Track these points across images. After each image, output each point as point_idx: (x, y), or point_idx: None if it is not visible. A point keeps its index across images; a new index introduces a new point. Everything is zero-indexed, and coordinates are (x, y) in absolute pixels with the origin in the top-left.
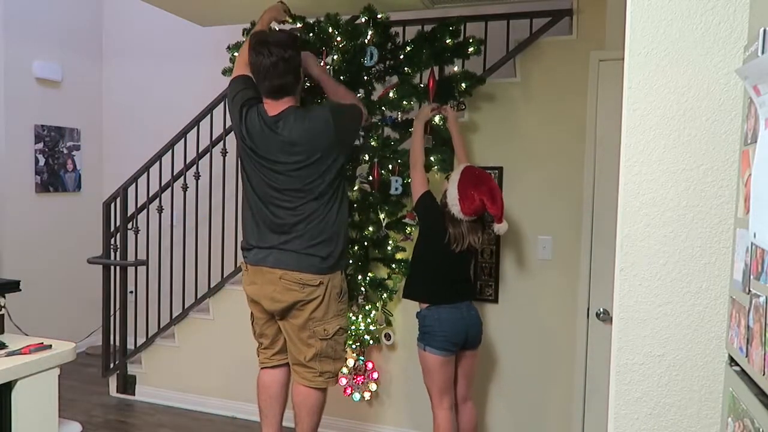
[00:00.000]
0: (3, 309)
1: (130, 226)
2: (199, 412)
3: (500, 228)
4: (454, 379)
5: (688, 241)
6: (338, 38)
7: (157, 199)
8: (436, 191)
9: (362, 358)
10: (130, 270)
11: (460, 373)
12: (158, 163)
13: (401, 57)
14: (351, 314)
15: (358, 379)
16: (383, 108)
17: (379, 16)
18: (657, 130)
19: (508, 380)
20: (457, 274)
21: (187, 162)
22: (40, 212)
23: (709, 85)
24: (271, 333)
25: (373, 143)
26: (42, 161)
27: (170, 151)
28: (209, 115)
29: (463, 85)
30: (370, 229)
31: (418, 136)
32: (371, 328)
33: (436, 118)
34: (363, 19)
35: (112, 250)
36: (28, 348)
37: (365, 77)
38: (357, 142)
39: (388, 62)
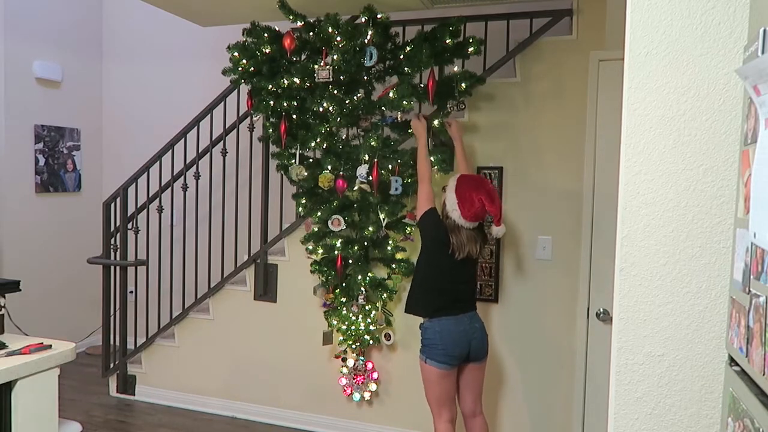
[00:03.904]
0: (3, 309)
1: (130, 226)
2: (199, 412)
3: (498, 231)
4: (457, 392)
5: (688, 241)
6: (338, 38)
7: (157, 199)
8: (437, 189)
9: (362, 358)
10: (130, 270)
11: (463, 386)
12: (158, 163)
13: (401, 57)
14: (351, 314)
15: (358, 379)
16: (383, 108)
17: (379, 16)
18: (657, 130)
19: (508, 380)
20: (458, 284)
21: (187, 162)
22: (40, 212)
23: (709, 85)
24: None
25: (373, 143)
26: (42, 161)
27: (170, 151)
28: (209, 115)
29: (463, 85)
30: (370, 229)
31: (423, 151)
32: (371, 328)
33: (435, 122)
34: (363, 19)
35: (112, 250)
36: (28, 348)
37: (365, 77)
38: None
39: (388, 62)
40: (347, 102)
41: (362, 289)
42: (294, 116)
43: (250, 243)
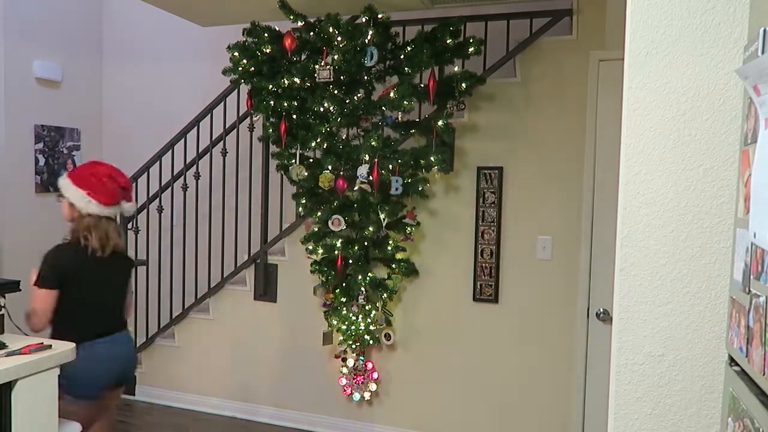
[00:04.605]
0: (3, 309)
1: (130, 226)
2: (199, 412)
3: (130, 207)
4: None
5: (688, 241)
6: (339, 38)
7: (157, 199)
8: (437, 189)
9: (362, 358)
10: None
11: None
12: (158, 163)
13: (402, 57)
14: (351, 314)
15: (358, 379)
16: (383, 108)
17: (379, 16)
18: (657, 130)
19: (507, 380)
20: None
21: (187, 162)
22: (40, 212)
23: (709, 85)
24: None
25: (373, 143)
26: (42, 161)
27: (170, 151)
28: (209, 115)
29: (464, 85)
30: (370, 229)
31: None
32: (371, 328)
33: (439, 123)
34: (363, 19)
35: None
36: (28, 348)
37: (366, 77)
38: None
39: (388, 62)
40: (347, 102)
41: (362, 289)
42: (294, 116)
43: (250, 243)
